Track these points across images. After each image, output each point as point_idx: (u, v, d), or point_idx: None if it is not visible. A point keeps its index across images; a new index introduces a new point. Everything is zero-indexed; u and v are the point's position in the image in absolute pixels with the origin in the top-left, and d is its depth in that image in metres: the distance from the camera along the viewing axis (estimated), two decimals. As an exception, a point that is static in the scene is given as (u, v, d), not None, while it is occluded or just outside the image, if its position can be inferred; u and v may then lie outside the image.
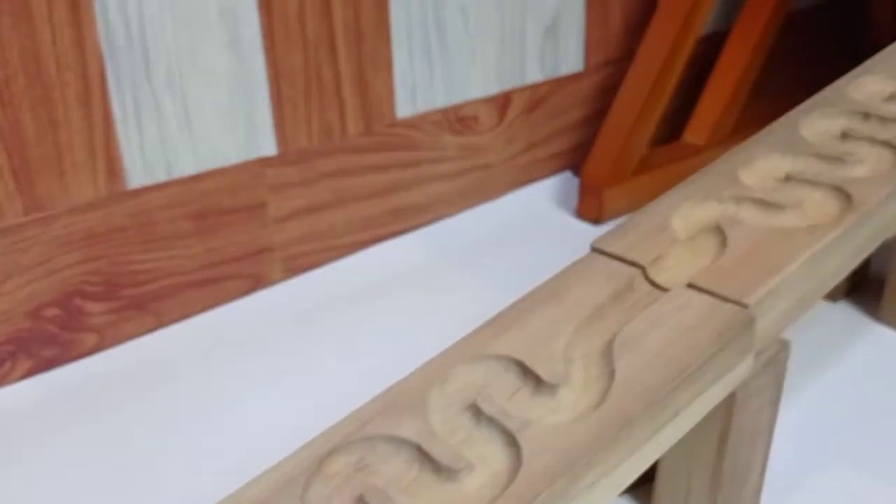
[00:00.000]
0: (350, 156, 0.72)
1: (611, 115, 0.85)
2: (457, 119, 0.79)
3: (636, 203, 0.86)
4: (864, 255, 0.47)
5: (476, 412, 0.36)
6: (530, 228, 0.82)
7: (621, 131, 0.83)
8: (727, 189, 0.48)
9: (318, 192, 0.70)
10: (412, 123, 0.75)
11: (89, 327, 0.61)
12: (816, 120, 0.55)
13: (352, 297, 0.70)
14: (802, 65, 1.11)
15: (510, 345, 0.39)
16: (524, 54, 0.82)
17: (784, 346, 0.42)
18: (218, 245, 0.66)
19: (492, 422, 0.35)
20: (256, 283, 0.69)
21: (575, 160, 0.91)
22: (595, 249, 0.45)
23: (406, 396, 0.36)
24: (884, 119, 0.54)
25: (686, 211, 0.47)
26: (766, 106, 1.04)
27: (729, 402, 0.40)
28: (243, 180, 0.66)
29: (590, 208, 0.83)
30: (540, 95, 0.85)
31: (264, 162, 0.67)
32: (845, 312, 0.66)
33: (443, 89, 0.77)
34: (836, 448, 0.54)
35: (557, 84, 0.86)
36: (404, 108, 0.74)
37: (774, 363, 0.42)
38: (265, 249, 0.69)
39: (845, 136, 0.53)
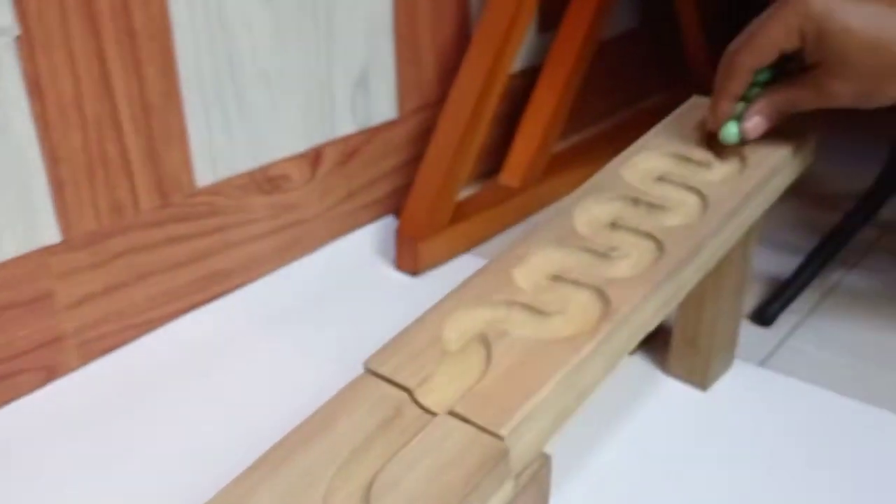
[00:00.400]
0: (146, 231, 0.69)
1: (424, 163, 0.85)
2: (265, 180, 0.77)
3: (453, 250, 0.88)
4: (623, 356, 0.49)
5: (226, 584, 0.35)
6: (349, 281, 0.82)
7: (435, 179, 0.84)
8: (500, 292, 0.49)
9: (111, 273, 0.68)
10: (215, 190, 0.73)
11: None
12: (591, 206, 0.56)
13: (156, 375, 0.68)
14: (619, 92, 1.15)
15: (270, 496, 0.39)
16: (333, 108, 0.81)
17: (545, 462, 0.44)
18: (2, 342, 0.62)
19: None
20: (51, 374, 0.66)
21: (397, 204, 0.91)
22: (368, 370, 0.45)
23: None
24: (651, 206, 0.56)
25: (458, 318, 0.48)
26: (583, 139, 1.07)
27: (489, 530, 0.41)
28: (24, 273, 0.62)
29: (407, 261, 0.83)
30: (353, 147, 0.84)
31: (47, 251, 0.63)
32: (638, 365, 0.70)
33: (247, 152, 0.75)
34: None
35: (371, 133, 0.86)
36: (204, 177, 0.72)
37: (535, 480, 0.43)
38: (57, 339, 0.65)
39: (614, 225, 0.55)
